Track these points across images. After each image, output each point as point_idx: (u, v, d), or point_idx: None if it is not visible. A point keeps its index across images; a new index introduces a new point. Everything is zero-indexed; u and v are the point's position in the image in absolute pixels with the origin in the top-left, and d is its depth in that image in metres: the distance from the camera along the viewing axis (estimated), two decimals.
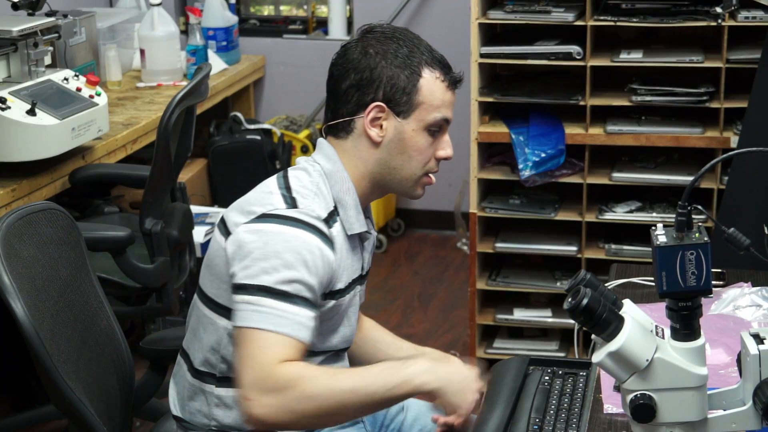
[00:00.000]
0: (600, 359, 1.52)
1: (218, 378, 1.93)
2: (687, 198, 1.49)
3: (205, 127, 4.64)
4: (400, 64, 1.91)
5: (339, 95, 1.94)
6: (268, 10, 5.22)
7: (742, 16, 3.16)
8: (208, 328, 1.93)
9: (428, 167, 1.96)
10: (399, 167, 1.94)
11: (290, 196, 1.87)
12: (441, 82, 1.94)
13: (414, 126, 1.92)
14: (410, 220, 5.07)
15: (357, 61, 1.92)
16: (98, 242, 2.95)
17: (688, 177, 3.34)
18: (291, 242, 1.80)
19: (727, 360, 2.02)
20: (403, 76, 1.90)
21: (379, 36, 1.93)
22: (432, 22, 4.78)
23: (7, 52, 3.06)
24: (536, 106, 3.44)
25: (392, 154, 1.94)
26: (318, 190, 1.90)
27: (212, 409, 1.94)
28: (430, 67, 1.93)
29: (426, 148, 1.94)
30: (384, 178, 1.96)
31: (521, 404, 1.89)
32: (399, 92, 1.90)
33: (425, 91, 1.92)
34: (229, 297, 1.87)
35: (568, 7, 3.32)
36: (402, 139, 1.92)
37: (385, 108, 1.91)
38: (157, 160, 3.01)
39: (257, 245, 1.80)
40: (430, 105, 1.92)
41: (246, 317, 1.78)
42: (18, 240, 1.85)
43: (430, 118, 1.93)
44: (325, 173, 1.93)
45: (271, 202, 1.86)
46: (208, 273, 1.93)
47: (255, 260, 1.80)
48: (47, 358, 1.74)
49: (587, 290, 1.52)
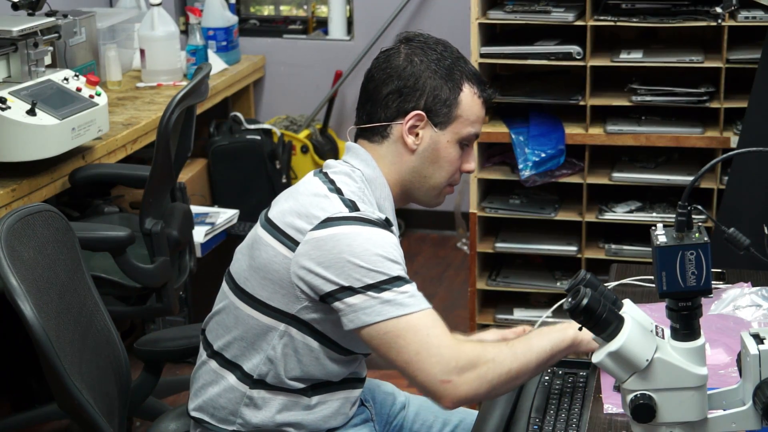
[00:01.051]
0: (600, 359, 1.53)
1: (255, 379, 1.93)
2: (687, 198, 1.49)
3: (205, 127, 4.64)
4: (444, 75, 1.94)
5: (378, 100, 1.95)
6: (268, 10, 5.22)
7: (742, 16, 3.16)
8: (254, 329, 1.92)
9: (453, 179, 2.00)
10: (429, 176, 1.97)
11: (348, 199, 1.88)
12: (478, 98, 1.98)
13: (449, 138, 1.95)
14: (410, 220, 5.07)
15: (402, 68, 1.94)
16: (98, 242, 2.95)
17: (688, 177, 3.34)
18: (372, 237, 1.82)
19: (727, 360, 2.02)
20: (446, 88, 1.94)
21: (423, 45, 1.97)
22: (432, 22, 4.78)
23: (7, 52, 3.06)
24: (536, 106, 3.44)
25: (425, 162, 1.96)
26: (365, 197, 1.92)
27: (242, 408, 1.94)
28: (470, 81, 1.96)
29: (456, 160, 1.98)
30: (413, 185, 1.99)
31: (521, 404, 1.89)
32: (440, 103, 1.94)
33: (464, 105, 1.95)
34: (285, 302, 1.87)
35: (568, 7, 3.32)
36: (436, 149, 1.96)
37: (424, 117, 1.94)
38: (157, 160, 3.01)
39: (341, 249, 1.81)
40: (467, 119, 1.96)
41: (380, 311, 1.78)
42: (18, 242, 1.85)
43: (464, 132, 1.96)
44: (367, 179, 1.95)
45: (333, 205, 1.86)
46: (259, 276, 1.91)
47: (351, 263, 1.80)
48: (56, 359, 1.74)
49: (587, 290, 1.52)
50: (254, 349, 1.93)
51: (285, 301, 1.88)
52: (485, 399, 1.86)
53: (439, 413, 2.17)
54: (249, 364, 1.93)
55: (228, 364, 1.96)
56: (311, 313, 1.87)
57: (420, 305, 1.80)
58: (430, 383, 1.77)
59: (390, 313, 1.78)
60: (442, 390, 1.76)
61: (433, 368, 1.76)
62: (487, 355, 1.78)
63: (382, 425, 2.15)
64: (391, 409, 2.17)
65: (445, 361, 1.75)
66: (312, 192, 1.90)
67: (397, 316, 1.78)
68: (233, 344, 1.95)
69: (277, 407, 1.93)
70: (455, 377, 1.75)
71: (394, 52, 1.97)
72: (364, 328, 1.80)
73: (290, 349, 1.90)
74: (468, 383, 1.75)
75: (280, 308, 1.89)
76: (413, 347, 1.77)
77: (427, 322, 1.79)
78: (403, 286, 1.80)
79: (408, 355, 1.77)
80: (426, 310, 1.80)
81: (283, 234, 1.88)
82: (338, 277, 1.80)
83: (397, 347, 1.78)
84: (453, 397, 1.76)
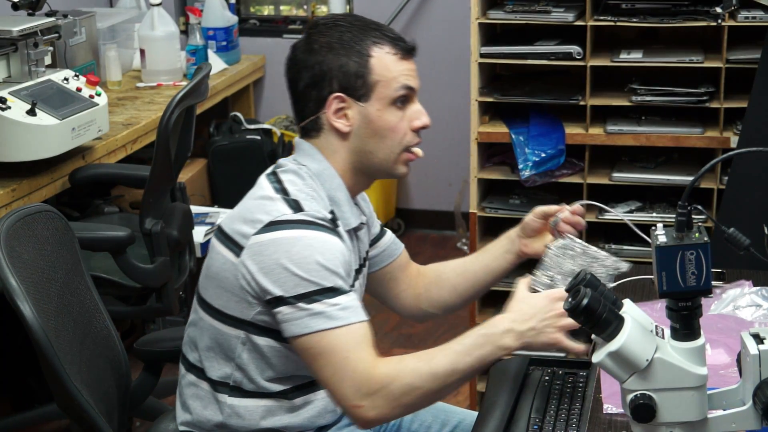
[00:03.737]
0: (600, 359, 1.53)
1: (231, 387, 1.93)
2: (687, 198, 1.49)
3: (205, 127, 4.64)
4: (347, 49, 1.90)
5: (298, 97, 1.94)
6: (268, 10, 5.22)
7: (742, 16, 3.15)
8: (218, 338, 1.93)
9: (406, 141, 1.95)
10: (375, 150, 1.93)
11: (292, 200, 1.87)
12: (392, 55, 1.93)
13: (378, 106, 1.91)
14: (410, 220, 5.07)
15: (305, 59, 1.92)
16: (98, 242, 2.96)
17: (688, 177, 3.34)
18: (312, 243, 1.81)
19: (727, 360, 2.02)
20: (352, 61, 1.90)
21: (322, 28, 1.93)
22: (432, 22, 4.78)
23: (7, 52, 3.06)
24: (536, 106, 3.44)
25: (364, 139, 1.93)
26: (314, 193, 1.90)
27: (227, 419, 1.94)
28: (377, 44, 1.92)
29: (397, 124, 1.93)
30: (364, 165, 1.95)
31: (521, 404, 1.89)
32: (352, 77, 1.90)
33: (378, 68, 1.91)
34: (239, 309, 1.87)
35: (568, 7, 3.32)
36: (370, 122, 1.92)
37: (344, 97, 1.91)
38: (157, 160, 3.01)
39: (281, 255, 1.80)
40: (386, 80, 1.91)
41: (307, 324, 1.79)
42: (17, 242, 1.85)
43: (390, 93, 1.91)
44: (314, 174, 1.93)
45: (276, 208, 1.86)
46: (214, 285, 1.92)
47: (287, 271, 1.79)
48: (56, 360, 1.74)
49: (587, 290, 1.52)
50: (224, 358, 1.93)
51: (239, 308, 1.88)
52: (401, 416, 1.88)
53: (437, 414, 2.16)
54: (222, 374, 1.93)
55: (204, 376, 1.96)
56: (266, 316, 1.86)
57: (349, 319, 1.79)
58: (344, 405, 1.80)
59: (316, 326, 1.78)
60: (353, 413, 1.79)
61: (347, 391, 1.77)
62: (403, 379, 1.77)
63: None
64: None
65: (357, 386, 1.77)
66: (259, 195, 1.90)
67: (322, 329, 1.78)
68: (204, 356, 1.95)
69: (260, 413, 1.92)
70: (366, 402, 1.77)
71: (298, 44, 1.95)
72: (294, 339, 1.82)
73: (256, 354, 1.90)
74: (378, 408, 1.77)
75: (237, 316, 1.89)
76: (330, 369, 1.78)
77: (350, 340, 1.78)
78: (335, 297, 1.79)
79: (325, 375, 1.80)
80: (353, 326, 1.79)
81: (230, 240, 1.88)
82: (273, 286, 1.80)
83: (317, 365, 1.80)
84: (364, 421, 1.79)
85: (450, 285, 2.18)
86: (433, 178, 5.00)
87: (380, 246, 2.18)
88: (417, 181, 5.05)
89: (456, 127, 4.73)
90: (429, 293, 2.19)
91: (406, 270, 2.22)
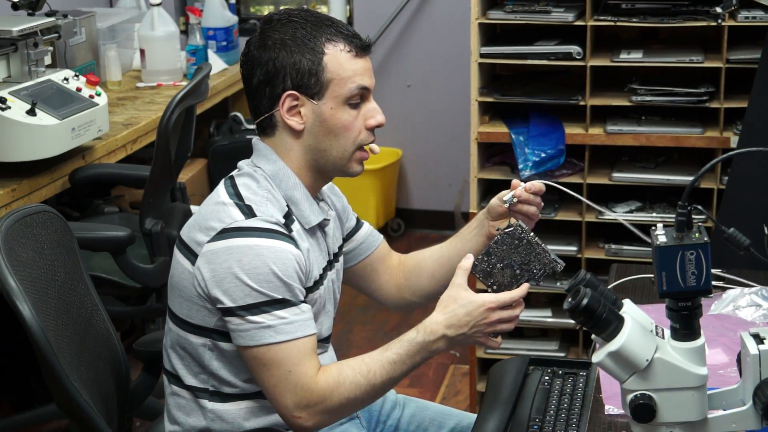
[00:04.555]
0: (600, 359, 1.53)
1: (211, 392, 1.93)
2: (687, 198, 1.49)
3: (205, 127, 4.64)
4: (300, 46, 1.87)
5: (253, 94, 1.92)
6: (268, 10, 5.22)
7: (742, 16, 3.15)
8: (187, 348, 1.93)
9: (360, 140, 1.92)
10: (328, 148, 1.92)
11: (245, 205, 1.86)
12: (347, 53, 1.89)
13: (331, 104, 1.89)
14: (410, 220, 5.07)
15: (258, 56, 1.89)
16: (98, 242, 2.95)
17: (688, 177, 3.34)
18: (264, 253, 1.80)
19: (726, 360, 2.02)
20: (305, 59, 1.87)
21: (276, 24, 1.91)
22: (432, 22, 4.78)
23: (7, 52, 3.06)
24: (536, 106, 3.44)
25: (318, 137, 1.91)
26: (269, 195, 1.90)
27: (210, 424, 1.94)
28: (331, 41, 1.89)
29: (351, 123, 1.90)
30: (318, 163, 1.93)
31: (521, 404, 1.89)
32: (305, 75, 1.88)
33: (332, 66, 1.88)
34: (201, 317, 1.88)
35: (568, 7, 3.32)
36: (323, 120, 1.90)
37: (297, 95, 1.89)
38: (157, 160, 3.01)
39: (232, 264, 1.80)
40: (340, 78, 1.88)
41: (256, 336, 1.80)
42: (17, 243, 1.85)
43: (344, 92, 1.89)
44: (269, 175, 1.92)
45: (228, 214, 1.85)
46: (176, 294, 1.92)
47: (238, 280, 1.80)
48: (55, 360, 1.74)
49: (587, 290, 1.52)
50: (197, 365, 1.93)
51: (200, 316, 1.88)
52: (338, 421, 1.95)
53: (434, 417, 2.17)
54: (199, 380, 1.94)
55: (183, 384, 1.96)
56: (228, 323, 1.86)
57: (295, 334, 1.81)
58: (283, 415, 1.84)
59: (262, 340, 1.80)
60: (291, 422, 1.84)
61: (287, 403, 1.82)
62: (342, 392, 1.82)
63: (372, 423, 2.15)
64: (382, 408, 2.16)
65: (297, 398, 1.81)
66: (214, 201, 1.91)
67: (267, 343, 1.80)
68: (179, 365, 1.96)
69: (243, 415, 1.93)
70: (305, 414, 1.82)
71: (251, 40, 1.93)
72: (241, 348, 1.84)
73: (225, 359, 1.91)
74: (316, 418, 1.83)
75: (200, 324, 1.89)
76: (273, 380, 1.82)
77: (294, 354, 1.81)
78: (283, 310, 1.81)
79: (268, 385, 1.83)
80: (298, 341, 1.81)
81: (187, 248, 1.88)
82: (224, 295, 1.81)
83: (260, 374, 1.83)
84: (301, 429, 1.84)
85: (428, 272, 2.16)
86: (433, 178, 5.00)
87: (357, 239, 2.16)
88: (417, 181, 5.05)
89: (456, 127, 4.73)
90: (409, 282, 2.19)
91: (387, 261, 2.20)
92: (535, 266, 1.85)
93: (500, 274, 1.86)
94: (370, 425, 2.14)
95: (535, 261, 1.85)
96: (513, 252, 1.86)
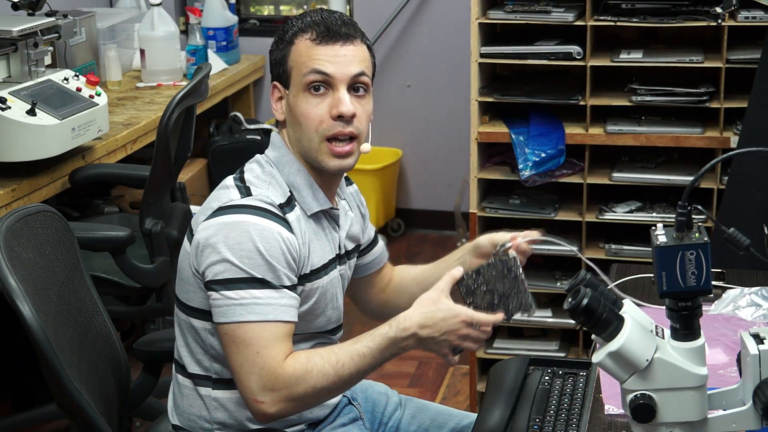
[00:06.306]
0: (600, 359, 1.53)
1: (214, 380, 1.94)
2: (687, 198, 1.49)
3: (205, 127, 4.64)
4: (278, 40, 1.96)
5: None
6: (268, 10, 5.22)
7: (742, 16, 3.15)
8: (191, 332, 1.94)
9: (322, 130, 1.90)
10: (300, 138, 1.93)
11: (244, 186, 1.90)
12: (310, 41, 1.91)
13: (294, 92, 1.93)
14: (410, 220, 5.07)
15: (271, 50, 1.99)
16: (98, 242, 2.95)
17: (688, 177, 3.34)
18: (250, 229, 1.82)
19: (726, 360, 2.02)
20: (278, 51, 1.95)
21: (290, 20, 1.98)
22: (432, 22, 4.78)
23: (7, 52, 3.06)
24: (536, 106, 3.44)
25: (293, 127, 1.95)
26: (272, 179, 1.93)
27: (212, 413, 1.94)
28: (303, 32, 1.92)
29: (310, 111, 1.90)
30: (302, 153, 1.95)
31: (521, 404, 1.89)
32: (277, 65, 1.95)
33: (294, 53, 1.92)
34: (199, 299, 1.89)
35: (568, 7, 3.32)
36: (290, 109, 1.94)
37: (278, 85, 1.96)
38: (157, 160, 3.01)
39: (219, 239, 1.82)
40: (299, 65, 1.91)
41: (228, 312, 1.81)
42: (17, 243, 1.85)
43: (304, 78, 1.90)
44: (273, 161, 1.95)
45: (228, 195, 1.89)
46: (180, 279, 1.95)
47: (220, 254, 1.81)
48: (55, 360, 1.74)
49: (587, 290, 1.52)
50: (201, 351, 1.94)
51: (198, 298, 1.90)
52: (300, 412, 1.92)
53: (435, 416, 2.17)
54: (202, 368, 1.95)
55: (186, 372, 1.97)
56: None
57: (267, 315, 1.80)
58: (246, 397, 1.83)
59: (233, 317, 1.81)
60: (253, 406, 1.82)
61: (252, 385, 1.80)
62: (309, 381, 1.80)
63: (374, 424, 2.15)
64: (385, 409, 2.17)
65: (262, 382, 1.79)
66: (220, 186, 1.95)
67: (237, 321, 1.80)
68: (185, 352, 1.97)
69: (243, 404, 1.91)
70: (268, 398, 1.80)
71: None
72: (217, 327, 1.84)
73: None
74: (279, 405, 1.80)
75: (199, 307, 1.91)
76: (240, 358, 1.81)
77: (265, 336, 1.80)
78: (261, 290, 1.81)
79: (235, 363, 1.82)
80: (270, 324, 1.80)
81: (190, 231, 1.92)
82: (207, 269, 1.83)
83: (230, 353, 1.83)
84: (262, 416, 1.82)
85: (408, 293, 2.13)
86: (433, 178, 5.00)
87: (372, 254, 2.19)
88: (417, 181, 5.05)
89: (456, 127, 4.73)
90: (390, 299, 2.22)
91: (384, 279, 2.23)
92: (513, 302, 1.87)
93: (480, 296, 1.87)
94: (373, 426, 2.14)
95: (514, 297, 1.87)
96: (499, 280, 1.87)
